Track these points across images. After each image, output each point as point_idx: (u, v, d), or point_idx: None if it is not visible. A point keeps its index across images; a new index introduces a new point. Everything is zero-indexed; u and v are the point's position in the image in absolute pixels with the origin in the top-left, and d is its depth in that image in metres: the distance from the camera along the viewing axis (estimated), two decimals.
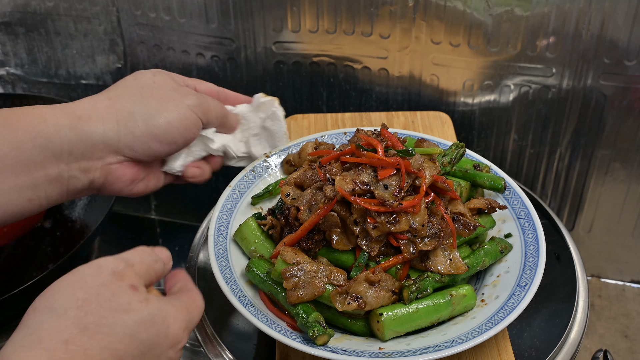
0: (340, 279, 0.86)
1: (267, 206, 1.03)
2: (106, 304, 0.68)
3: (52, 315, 0.67)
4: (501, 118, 1.35)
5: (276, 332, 0.82)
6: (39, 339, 0.65)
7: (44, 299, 0.70)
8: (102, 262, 0.73)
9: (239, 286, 0.89)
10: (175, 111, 0.91)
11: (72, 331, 0.65)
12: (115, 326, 0.67)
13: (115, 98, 0.91)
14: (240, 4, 1.34)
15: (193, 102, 0.94)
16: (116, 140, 0.89)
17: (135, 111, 0.90)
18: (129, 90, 0.92)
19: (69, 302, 0.68)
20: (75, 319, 0.66)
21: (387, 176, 0.88)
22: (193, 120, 0.93)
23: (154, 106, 0.91)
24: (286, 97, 1.45)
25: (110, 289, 0.70)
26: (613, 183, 1.36)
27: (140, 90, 0.92)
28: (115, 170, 0.91)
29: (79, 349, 0.65)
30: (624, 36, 1.18)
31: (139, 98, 0.91)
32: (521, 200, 0.99)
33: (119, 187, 0.93)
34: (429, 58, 1.31)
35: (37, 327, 0.66)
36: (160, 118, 0.90)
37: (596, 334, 1.41)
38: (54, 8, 1.45)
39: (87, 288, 0.69)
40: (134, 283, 0.72)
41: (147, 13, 1.40)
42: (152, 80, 0.94)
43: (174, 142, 0.93)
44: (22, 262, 1.34)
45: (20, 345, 0.65)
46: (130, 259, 0.75)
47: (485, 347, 0.90)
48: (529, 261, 0.92)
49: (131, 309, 0.69)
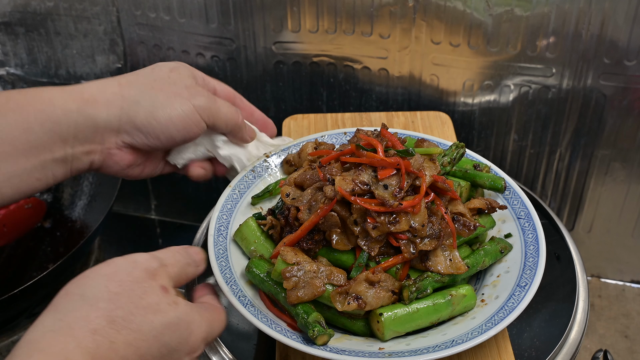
0: (340, 279, 0.86)
1: (267, 206, 1.03)
2: (136, 301, 0.70)
3: (84, 303, 0.68)
4: (501, 118, 1.35)
5: (276, 332, 0.82)
6: (68, 326, 0.66)
7: (76, 285, 0.71)
8: (137, 258, 0.75)
9: (239, 286, 0.89)
10: (179, 108, 0.92)
11: (101, 322, 0.67)
12: (143, 325, 0.69)
13: (125, 85, 0.92)
14: (240, 4, 1.34)
15: (200, 103, 0.94)
16: (117, 127, 0.91)
17: (140, 101, 0.91)
18: (141, 79, 0.94)
19: (100, 293, 0.69)
20: (105, 310, 0.68)
21: (387, 176, 0.88)
22: (195, 121, 0.93)
23: (159, 99, 0.92)
24: (286, 97, 1.45)
25: (142, 287, 0.72)
26: (613, 183, 1.36)
27: (152, 81, 0.93)
28: (114, 154, 0.93)
29: (105, 340, 0.66)
30: (624, 36, 1.18)
31: (147, 89, 0.92)
32: (521, 200, 0.99)
33: (116, 170, 0.96)
34: (429, 58, 1.31)
35: (67, 314, 0.67)
36: (162, 112, 0.91)
37: (596, 334, 1.41)
38: (54, 8, 1.45)
39: (119, 282, 0.71)
40: (164, 284, 0.74)
41: (147, 13, 1.40)
42: (168, 75, 0.95)
43: (172, 138, 0.93)
44: (22, 262, 1.34)
45: (49, 329, 0.66)
46: (165, 259, 0.77)
47: (485, 347, 0.90)
48: (529, 261, 0.92)
49: (160, 310, 0.71)
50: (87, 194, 1.42)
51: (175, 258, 0.79)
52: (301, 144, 1.09)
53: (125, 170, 0.96)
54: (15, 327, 1.18)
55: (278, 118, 1.47)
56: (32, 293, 1.10)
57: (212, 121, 0.96)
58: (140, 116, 0.91)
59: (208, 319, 0.77)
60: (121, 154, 0.94)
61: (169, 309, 0.72)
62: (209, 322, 0.77)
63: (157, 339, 0.70)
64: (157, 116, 0.91)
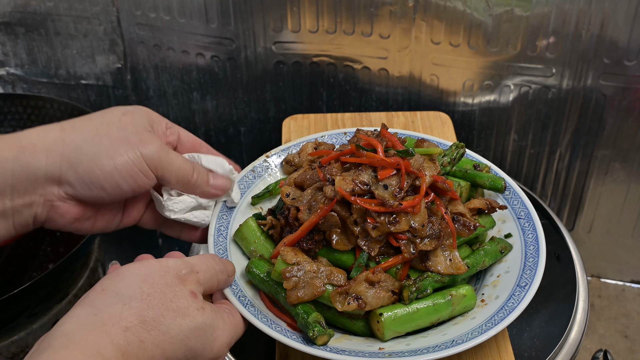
0: (340, 279, 0.86)
1: (267, 206, 1.03)
2: (167, 304, 0.72)
3: (118, 300, 0.70)
4: (501, 118, 1.35)
5: (276, 332, 0.82)
6: (102, 322, 0.68)
7: (112, 282, 0.73)
8: (170, 263, 0.76)
9: (239, 286, 0.89)
10: (125, 155, 0.83)
11: (133, 321, 0.69)
12: (172, 327, 0.71)
13: (68, 130, 0.84)
14: (240, 4, 1.34)
15: (149, 152, 0.84)
16: (58, 176, 0.82)
17: (82, 147, 0.82)
18: (87, 124, 0.85)
19: (134, 293, 0.71)
20: (137, 310, 0.70)
21: (387, 176, 0.88)
22: (143, 171, 0.84)
23: (104, 146, 0.83)
24: (286, 97, 1.45)
25: (173, 290, 0.74)
26: (613, 183, 1.36)
27: (99, 126, 0.85)
28: (58, 207, 0.85)
29: (135, 338, 0.68)
30: (624, 36, 1.18)
31: (92, 135, 0.83)
32: (521, 200, 0.99)
33: (62, 223, 0.87)
34: (429, 58, 1.31)
35: (102, 309, 0.69)
36: (106, 160, 0.82)
37: (596, 334, 1.41)
38: (54, 8, 1.45)
39: (152, 284, 0.73)
40: (194, 290, 0.76)
41: (147, 13, 1.40)
42: (119, 118, 0.86)
43: (119, 187, 0.84)
44: (22, 262, 1.34)
45: (83, 323, 0.67)
46: (197, 265, 0.79)
47: (485, 347, 0.90)
48: (529, 261, 0.92)
49: (188, 314, 0.73)
50: None
51: (207, 264, 0.81)
52: (301, 144, 1.09)
53: (73, 224, 0.87)
54: (15, 327, 1.18)
55: (278, 118, 1.47)
56: (32, 293, 1.10)
57: (160, 173, 0.86)
58: (83, 164, 0.82)
59: (232, 323, 0.79)
60: (66, 207, 0.85)
61: (197, 314, 0.74)
62: (233, 326, 0.80)
63: (183, 343, 0.72)
64: (101, 164, 0.82)
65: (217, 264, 0.83)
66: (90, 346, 0.65)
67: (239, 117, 1.51)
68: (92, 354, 0.64)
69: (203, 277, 0.79)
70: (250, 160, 1.07)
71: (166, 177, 0.87)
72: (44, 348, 0.65)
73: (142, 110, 0.89)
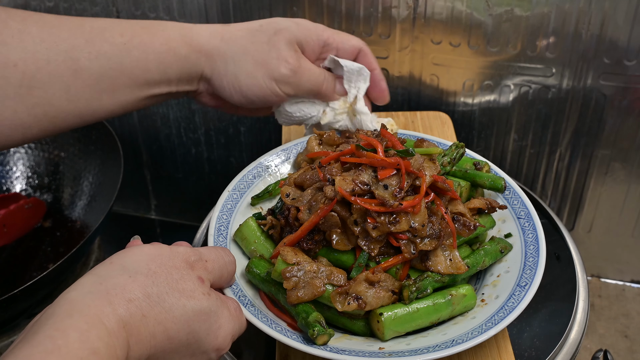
0: (340, 279, 0.86)
1: (267, 206, 1.03)
2: (173, 284, 0.72)
3: (123, 272, 0.71)
4: (501, 118, 1.35)
5: (276, 332, 0.82)
6: (106, 290, 0.68)
7: (120, 257, 0.74)
8: (179, 249, 0.78)
9: (239, 286, 0.89)
10: (261, 80, 1.00)
11: (137, 294, 0.69)
12: (175, 306, 0.71)
13: (226, 41, 1.00)
14: (240, 4, 1.34)
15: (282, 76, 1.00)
16: (209, 78, 1.01)
17: (230, 64, 1.00)
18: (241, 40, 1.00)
19: (141, 268, 0.72)
20: (142, 284, 0.70)
21: (387, 176, 0.88)
22: (274, 92, 1.01)
23: (248, 67, 1.00)
24: None
25: (180, 272, 0.74)
26: (613, 183, 1.36)
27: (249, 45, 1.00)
28: (203, 97, 1.06)
29: (138, 312, 0.68)
30: (624, 36, 1.18)
31: (242, 52, 1.00)
32: (521, 200, 0.99)
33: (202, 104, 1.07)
34: (429, 58, 1.31)
35: (106, 279, 0.70)
36: (245, 80, 1.00)
37: (596, 334, 1.41)
38: (54, 8, 1.45)
39: (160, 264, 0.74)
40: (201, 275, 0.77)
41: (147, 13, 1.40)
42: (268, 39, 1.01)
43: (252, 102, 1.02)
44: (22, 262, 1.34)
45: (88, 291, 0.68)
46: (205, 254, 0.80)
47: (485, 347, 0.90)
48: (529, 261, 0.92)
49: (194, 296, 0.73)
50: (87, 194, 1.42)
51: (216, 254, 0.82)
52: (301, 144, 1.09)
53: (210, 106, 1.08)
54: (15, 327, 1.18)
55: None
56: (32, 293, 1.10)
57: (292, 92, 1.02)
58: (228, 77, 1.00)
59: (237, 317, 0.80)
60: (208, 98, 1.06)
61: (203, 298, 0.74)
62: (238, 320, 0.80)
63: (186, 324, 0.72)
64: (240, 83, 1.00)
65: (226, 255, 0.84)
66: (92, 314, 0.65)
67: (239, 117, 1.51)
68: (95, 324, 0.64)
69: (212, 265, 0.79)
70: (250, 160, 1.07)
71: (298, 93, 1.04)
72: (49, 315, 0.64)
73: (294, 29, 1.02)
